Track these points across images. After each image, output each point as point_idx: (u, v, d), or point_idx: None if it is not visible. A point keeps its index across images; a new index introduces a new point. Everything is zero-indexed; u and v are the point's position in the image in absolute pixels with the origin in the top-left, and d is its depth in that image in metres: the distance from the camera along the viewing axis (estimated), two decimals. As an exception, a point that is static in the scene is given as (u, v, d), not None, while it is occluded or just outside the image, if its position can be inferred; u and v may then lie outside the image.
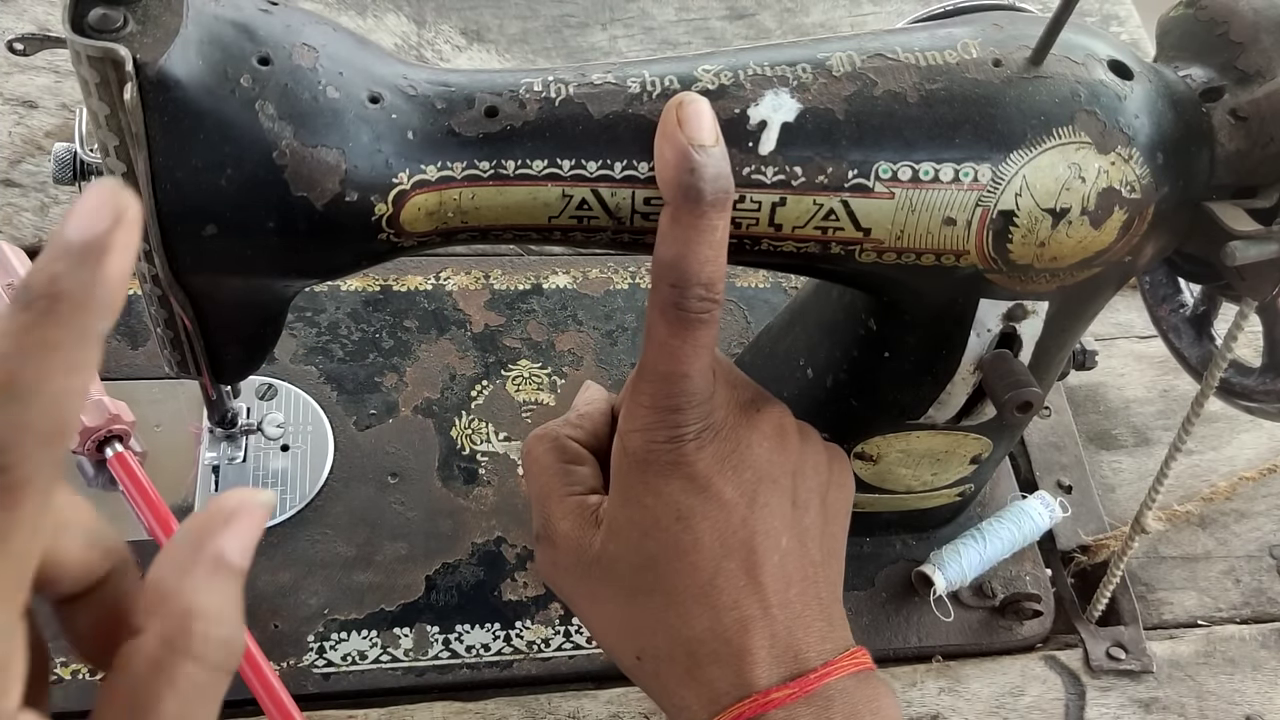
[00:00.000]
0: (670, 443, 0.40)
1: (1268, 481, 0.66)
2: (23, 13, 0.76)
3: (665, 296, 0.38)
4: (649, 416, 0.40)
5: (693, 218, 0.37)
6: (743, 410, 0.42)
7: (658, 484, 0.40)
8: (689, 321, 0.38)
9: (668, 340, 0.39)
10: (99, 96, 0.35)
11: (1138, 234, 0.43)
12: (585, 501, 0.43)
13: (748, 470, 0.41)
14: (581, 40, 0.81)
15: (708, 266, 0.37)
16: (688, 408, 0.40)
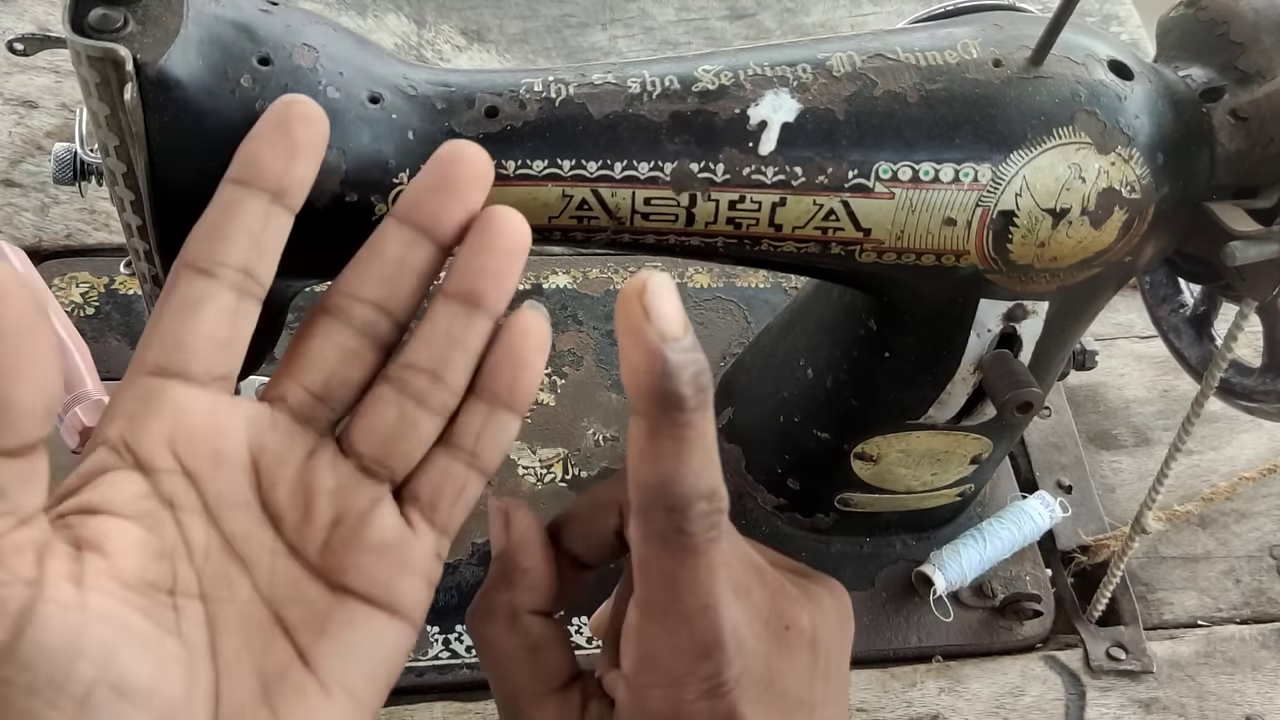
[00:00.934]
0: (705, 697, 0.33)
1: (1268, 481, 0.66)
2: (23, 13, 0.76)
3: (662, 524, 0.31)
4: (675, 667, 0.33)
5: (677, 428, 0.30)
6: (771, 633, 0.35)
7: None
8: (697, 547, 0.31)
9: (676, 574, 0.32)
10: (99, 96, 0.35)
11: (1138, 234, 0.43)
12: (567, 701, 0.36)
13: (779, 703, 0.34)
14: (581, 40, 0.81)
15: (705, 474, 0.31)
16: (719, 650, 0.32)
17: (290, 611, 0.32)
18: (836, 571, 0.59)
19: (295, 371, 0.34)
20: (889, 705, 0.56)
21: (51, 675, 0.27)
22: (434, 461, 0.34)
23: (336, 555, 0.33)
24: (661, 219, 0.41)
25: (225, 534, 0.32)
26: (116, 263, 0.65)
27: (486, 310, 0.34)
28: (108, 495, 0.31)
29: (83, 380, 0.57)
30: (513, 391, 0.34)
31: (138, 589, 0.30)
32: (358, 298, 0.34)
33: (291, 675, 0.32)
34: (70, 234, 0.67)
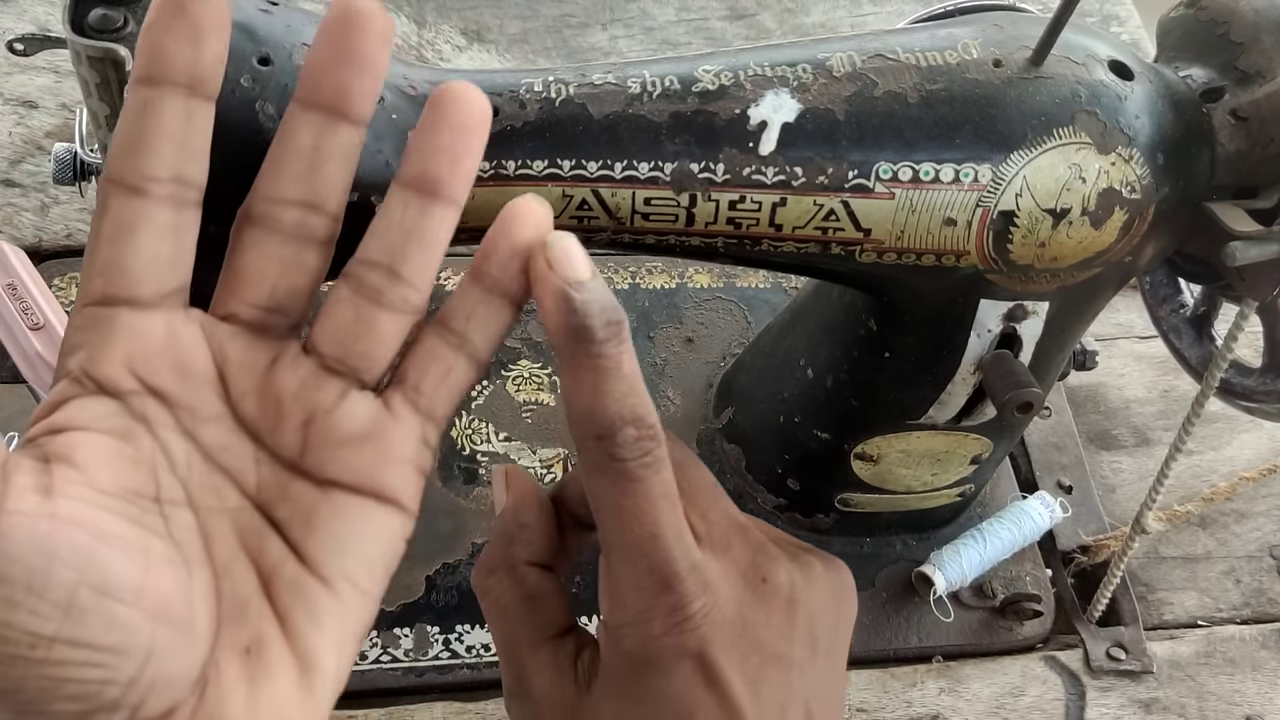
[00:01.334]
0: (672, 632, 0.34)
1: (1268, 482, 0.66)
2: (23, 13, 0.76)
3: (595, 453, 0.33)
4: (636, 603, 0.34)
5: (591, 359, 0.32)
6: (747, 583, 0.36)
7: (660, 685, 0.35)
8: (631, 473, 0.33)
9: (618, 503, 0.33)
10: (99, 96, 0.35)
11: (1138, 234, 0.43)
12: (561, 650, 0.37)
13: (754, 655, 0.35)
14: (582, 40, 0.81)
15: (627, 401, 0.33)
16: (676, 581, 0.34)
17: (280, 511, 0.32)
18: (836, 572, 0.60)
19: (237, 290, 0.33)
20: (889, 705, 0.56)
21: (29, 584, 0.27)
22: (421, 342, 0.34)
23: (315, 453, 0.33)
24: (661, 219, 0.41)
25: (203, 446, 0.32)
26: (116, 263, 0.65)
27: (444, 197, 0.33)
28: (75, 415, 0.30)
29: (83, 380, 0.57)
30: (508, 279, 0.33)
31: (117, 495, 0.29)
32: (280, 200, 0.32)
33: (289, 570, 0.32)
34: (70, 234, 0.67)
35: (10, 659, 0.27)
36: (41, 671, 0.27)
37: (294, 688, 0.31)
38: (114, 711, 0.28)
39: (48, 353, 0.58)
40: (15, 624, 0.27)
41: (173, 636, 0.29)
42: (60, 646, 0.27)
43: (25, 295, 0.61)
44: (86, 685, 0.27)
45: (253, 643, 0.31)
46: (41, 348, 0.58)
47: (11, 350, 0.60)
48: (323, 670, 0.32)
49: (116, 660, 0.28)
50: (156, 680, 0.29)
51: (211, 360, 0.32)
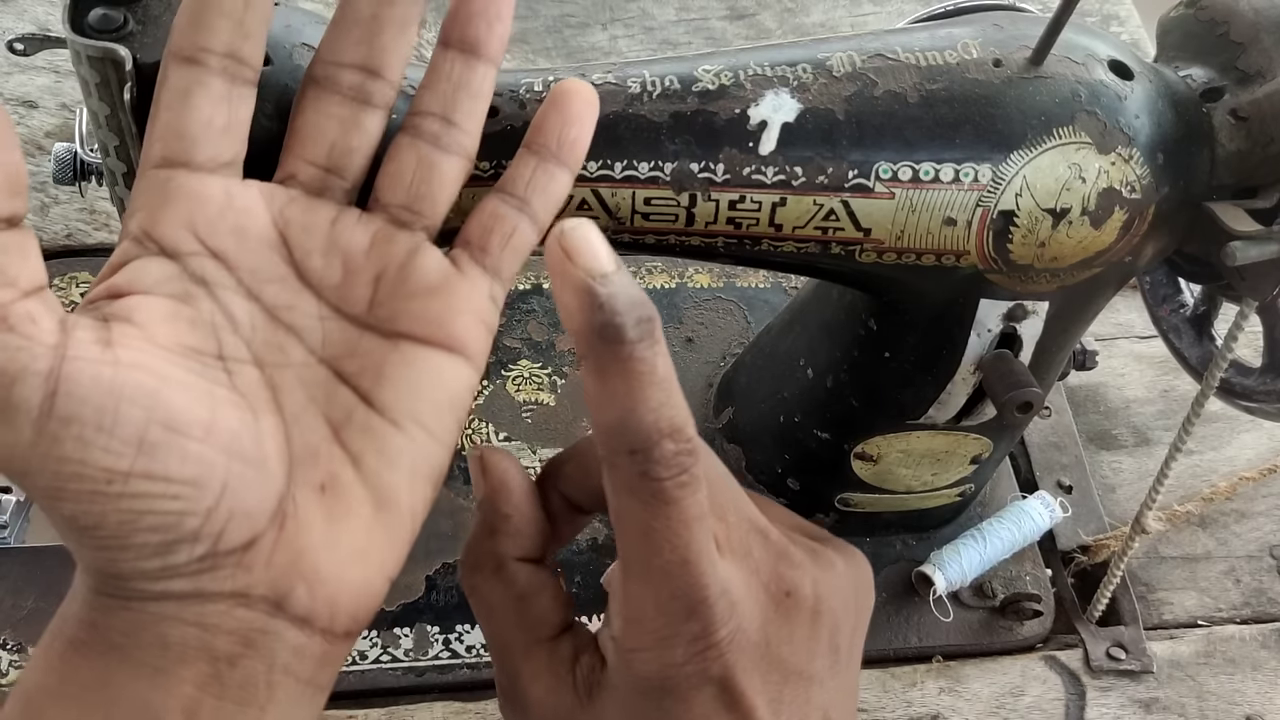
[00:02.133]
0: (695, 659, 0.31)
1: (1268, 481, 0.66)
2: (23, 13, 0.76)
3: (628, 472, 0.30)
4: (660, 629, 0.31)
5: (621, 362, 0.29)
6: (770, 597, 0.33)
7: (678, 710, 0.32)
8: (667, 493, 0.30)
9: (650, 525, 0.30)
10: (99, 96, 0.35)
11: (1138, 234, 0.43)
12: (557, 651, 0.35)
13: (775, 673, 0.33)
14: (581, 40, 0.81)
15: (665, 411, 0.29)
16: (703, 608, 0.31)
17: (348, 365, 0.33)
18: (836, 571, 0.60)
19: (296, 148, 0.35)
20: (889, 705, 0.56)
21: (99, 423, 0.28)
22: (483, 206, 0.36)
23: (385, 306, 0.34)
24: (661, 219, 0.41)
25: (267, 306, 0.33)
26: (116, 263, 0.65)
27: (484, 56, 0.35)
28: (132, 278, 0.31)
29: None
30: (561, 144, 0.36)
31: (177, 351, 0.31)
32: (340, 63, 0.34)
33: (359, 417, 0.33)
34: (70, 234, 0.67)
35: (90, 495, 0.28)
36: (120, 505, 0.28)
37: (370, 523, 0.32)
38: (195, 542, 0.29)
39: (48, 353, 0.58)
40: (90, 461, 0.28)
41: (246, 470, 0.30)
42: (136, 480, 0.28)
43: (25, 295, 0.61)
44: (166, 517, 0.28)
45: (327, 480, 0.32)
46: (41, 348, 0.58)
47: (11, 350, 0.60)
48: (397, 507, 0.33)
49: (193, 492, 0.29)
50: (234, 511, 0.30)
51: (272, 223, 0.33)
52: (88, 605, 0.30)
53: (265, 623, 0.31)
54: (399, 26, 0.34)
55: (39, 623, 0.53)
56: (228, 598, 0.30)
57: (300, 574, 0.31)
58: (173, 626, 0.30)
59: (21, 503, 0.55)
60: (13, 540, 0.55)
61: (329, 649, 0.32)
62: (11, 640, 0.53)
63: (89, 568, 0.30)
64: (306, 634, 0.31)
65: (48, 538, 0.55)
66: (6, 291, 0.28)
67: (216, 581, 0.30)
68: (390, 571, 0.33)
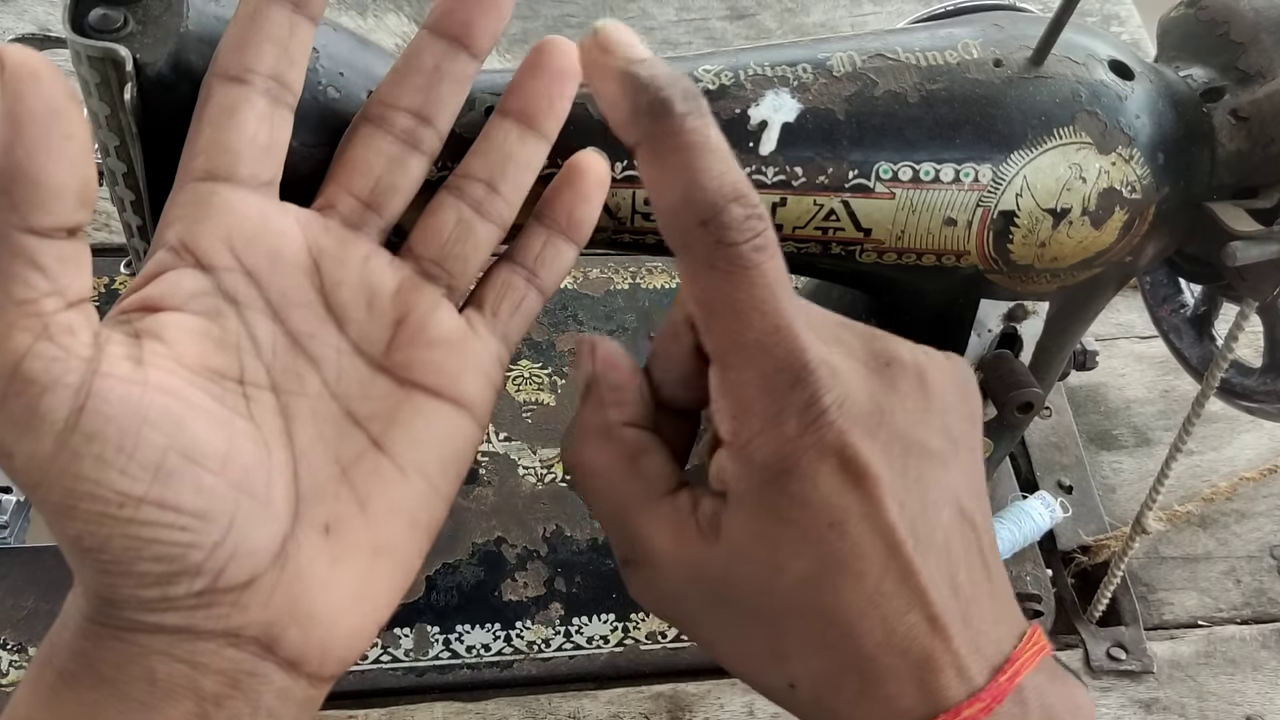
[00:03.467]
0: (810, 430, 0.31)
1: (1268, 482, 0.66)
2: (23, 13, 0.76)
3: (700, 247, 0.30)
4: (767, 407, 0.31)
5: (676, 136, 0.30)
6: (871, 370, 0.33)
7: (804, 491, 0.31)
8: (744, 256, 0.30)
9: (734, 297, 0.30)
10: (99, 96, 0.35)
11: (1138, 234, 0.43)
12: (678, 505, 0.34)
13: (896, 445, 0.32)
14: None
15: (728, 177, 0.30)
16: (807, 373, 0.30)
17: (360, 406, 0.34)
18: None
19: (341, 178, 0.35)
20: (889, 705, 0.56)
21: (120, 444, 0.28)
22: (496, 273, 0.37)
23: (402, 351, 0.34)
24: (662, 219, 0.41)
25: (291, 331, 0.33)
26: (116, 263, 0.65)
27: (539, 132, 0.36)
28: (166, 291, 0.32)
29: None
30: (571, 220, 0.37)
31: (202, 374, 0.31)
32: (397, 106, 0.35)
33: (368, 459, 0.33)
34: (70, 234, 0.67)
35: (99, 517, 0.28)
36: (128, 531, 0.28)
37: (369, 568, 0.33)
38: (196, 576, 0.29)
39: (48, 353, 0.58)
40: (105, 482, 0.28)
41: (255, 508, 0.30)
42: (147, 507, 0.28)
43: (25, 295, 0.60)
44: (171, 548, 0.28)
45: (332, 521, 0.32)
46: (41, 348, 0.58)
47: (11, 350, 0.60)
48: (395, 554, 0.33)
49: (201, 525, 0.29)
50: (239, 549, 0.30)
51: (306, 248, 0.34)
52: (79, 634, 0.30)
53: (254, 664, 0.31)
54: (456, 82, 0.35)
55: (39, 623, 0.53)
56: (219, 636, 0.30)
57: (296, 617, 0.31)
58: (162, 662, 0.30)
59: (21, 503, 0.55)
60: (13, 540, 0.55)
61: (312, 693, 0.33)
62: (11, 640, 0.53)
63: (87, 590, 0.30)
64: (293, 678, 0.32)
65: (48, 538, 0.55)
66: (52, 301, 0.28)
67: (210, 620, 0.30)
68: (382, 618, 0.34)
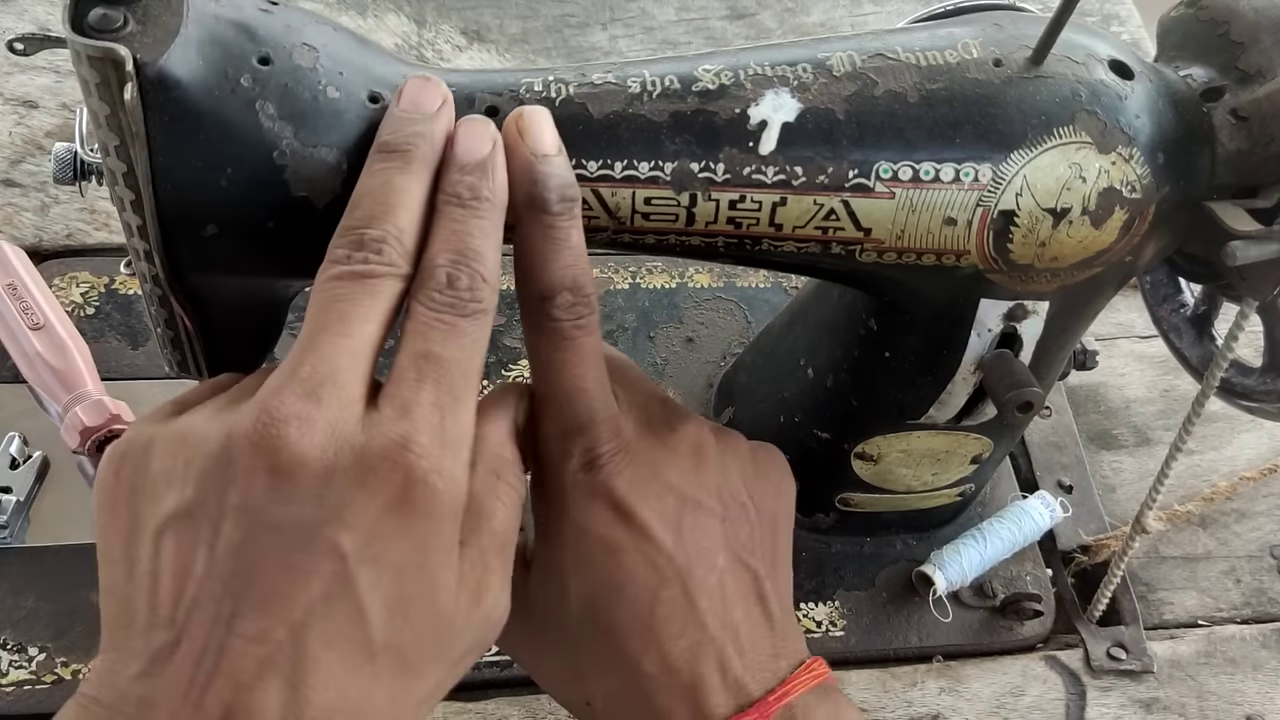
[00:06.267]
0: (585, 470, 0.38)
1: (1268, 481, 0.66)
2: (23, 13, 0.76)
3: (535, 313, 0.37)
4: (558, 445, 0.38)
5: (543, 228, 0.36)
6: (654, 432, 0.40)
7: (581, 519, 0.38)
8: (565, 332, 0.37)
9: (551, 357, 0.37)
10: (99, 96, 0.35)
11: (1138, 234, 0.43)
12: (516, 541, 0.39)
13: (669, 496, 0.39)
14: (582, 40, 0.81)
15: (570, 270, 0.36)
16: (592, 426, 0.38)
17: None
18: (837, 571, 0.60)
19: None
20: (889, 705, 0.56)
21: None
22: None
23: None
24: (662, 219, 0.41)
25: None
26: (116, 263, 0.65)
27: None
28: None
29: (83, 380, 0.57)
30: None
31: None
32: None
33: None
34: (70, 234, 0.67)
35: None
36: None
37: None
38: None
39: (48, 353, 0.58)
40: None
41: None
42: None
43: (25, 295, 0.61)
44: None
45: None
46: (41, 348, 0.58)
47: (11, 350, 0.60)
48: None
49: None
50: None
51: None
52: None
53: None
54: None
55: (39, 623, 0.53)
56: None
57: None
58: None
59: (21, 502, 0.55)
60: (13, 540, 0.55)
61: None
62: (12, 640, 0.52)
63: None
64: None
65: (47, 538, 0.55)
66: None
67: None
68: None
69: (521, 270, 0.37)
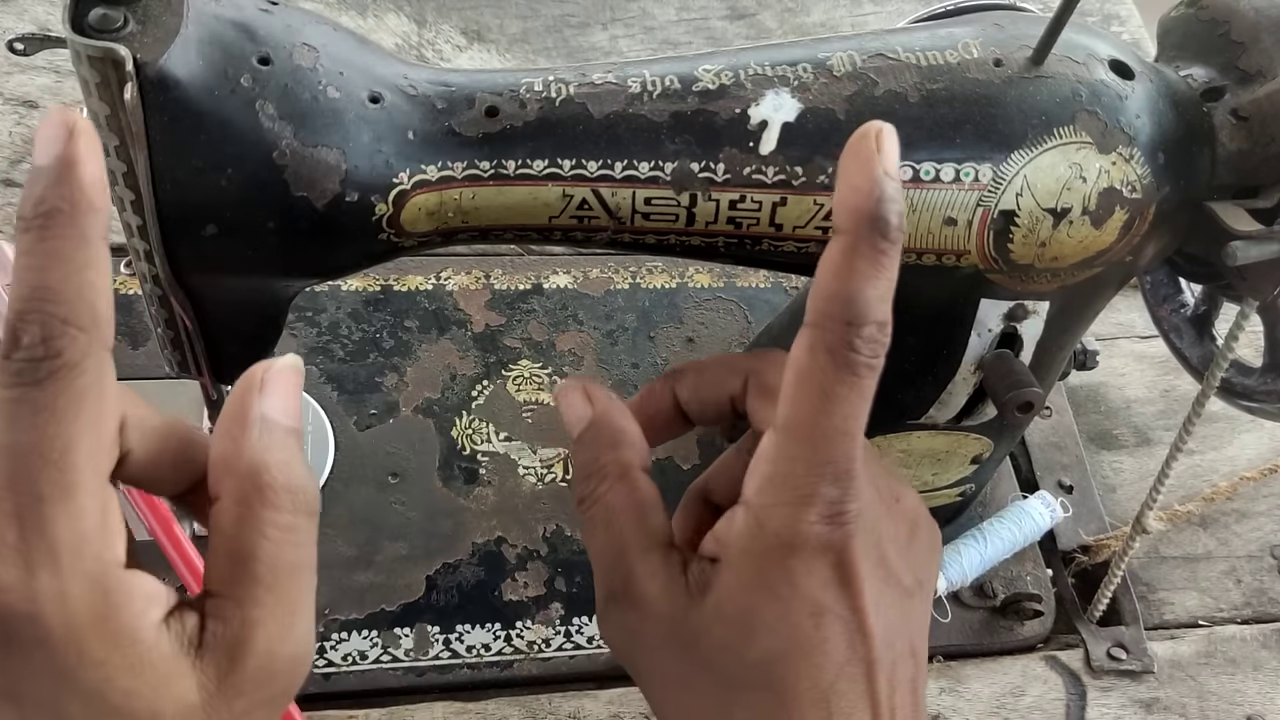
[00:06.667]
0: (826, 523, 0.34)
1: (1268, 481, 0.66)
2: (23, 13, 0.76)
3: (835, 336, 0.33)
4: (802, 487, 0.34)
5: (874, 251, 0.33)
6: (881, 496, 0.37)
7: (799, 572, 0.34)
8: (858, 367, 0.33)
9: (833, 389, 0.33)
10: (99, 96, 0.35)
11: (1139, 234, 0.43)
12: (671, 558, 0.37)
13: (883, 570, 0.36)
14: (582, 40, 0.81)
15: (883, 305, 0.33)
16: (847, 479, 0.34)
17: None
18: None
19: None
20: (889, 705, 0.56)
21: None
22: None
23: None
24: (662, 219, 0.41)
25: None
26: (117, 263, 0.65)
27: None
28: None
29: (83, 380, 0.57)
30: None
31: None
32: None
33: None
34: (70, 234, 0.67)
35: None
36: None
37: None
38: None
39: (48, 353, 0.58)
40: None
41: None
42: None
43: (25, 295, 0.60)
44: None
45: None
46: (42, 348, 0.58)
47: (12, 350, 0.59)
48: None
49: None
50: None
51: None
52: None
53: None
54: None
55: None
56: None
57: None
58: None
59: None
60: (13, 540, 0.55)
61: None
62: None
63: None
64: None
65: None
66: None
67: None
68: None
69: (834, 287, 0.33)
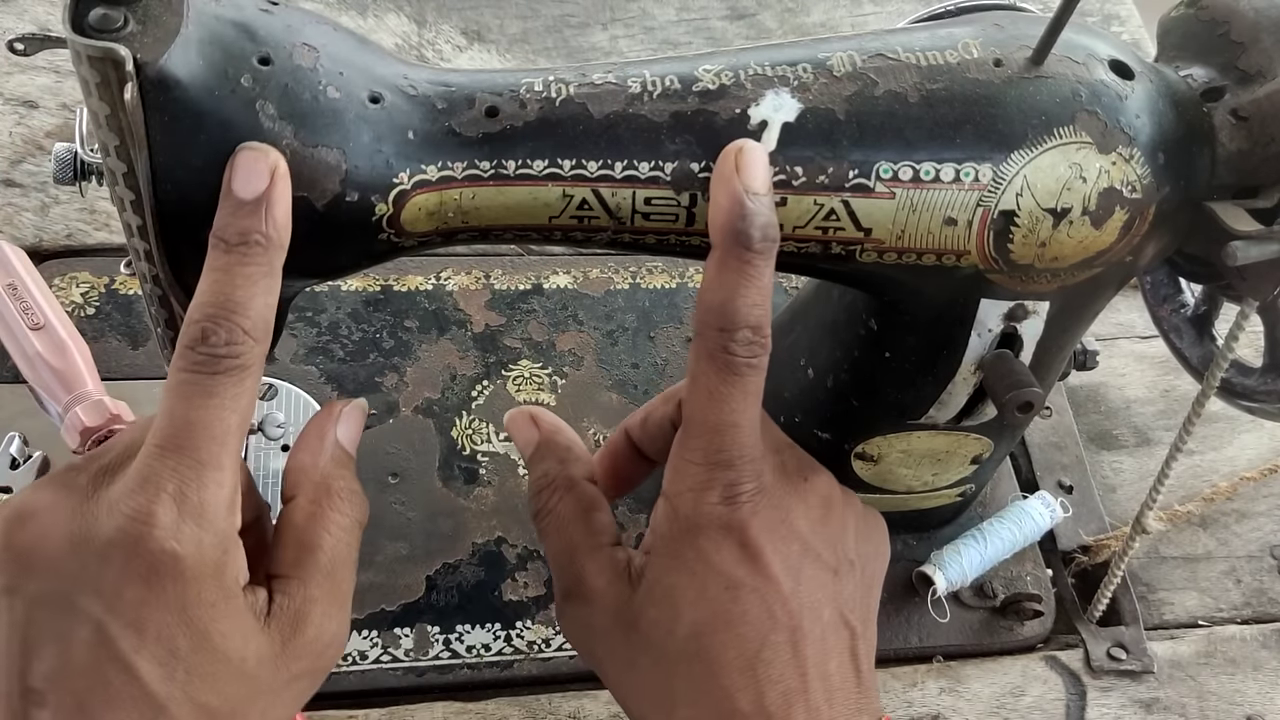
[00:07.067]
0: (724, 504, 0.39)
1: (1268, 482, 0.66)
2: (23, 13, 0.76)
3: (712, 342, 0.38)
4: (701, 474, 0.39)
5: (740, 263, 0.37)
6: (788, 477, 0.41)
7: (708, 550, 0.39)
8: (737, 367, 0.38)
9: (717, 388, 0.38)
10: (99, 96, 0.35)
11: (1139, 234, 0.43)
12: (616, 555, 0.41)
13: (795, 543, 0.40)
14: (582, 40, 0.81)
15: (755, 310, 0.37)
16: (740, 463, 0.38)
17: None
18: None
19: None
20: (890, 705, 0.56)
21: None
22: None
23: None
24: (662, 219, 0.41)
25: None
26: (116, 263, 0.65)
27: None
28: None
29: (83, 380, 0.57)
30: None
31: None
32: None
33: None
34: (70, 234, 0.67)
35: None
36: None
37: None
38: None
39: (48, 353, 0.58)
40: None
41: None
42: None
43: (25, 295, 0.61)
44: None
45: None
46: (41, 348, 0.58)
47: (11, 350, 0.60)
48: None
49: None
50: None
51: None
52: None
53: None
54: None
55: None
56: None
57: None
58: None
59: (22, 503, 0.55)
60: (13, 540, 0.55)
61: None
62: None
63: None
64: None
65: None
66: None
67: None
68: None
69: (708, 298, 0.38)
